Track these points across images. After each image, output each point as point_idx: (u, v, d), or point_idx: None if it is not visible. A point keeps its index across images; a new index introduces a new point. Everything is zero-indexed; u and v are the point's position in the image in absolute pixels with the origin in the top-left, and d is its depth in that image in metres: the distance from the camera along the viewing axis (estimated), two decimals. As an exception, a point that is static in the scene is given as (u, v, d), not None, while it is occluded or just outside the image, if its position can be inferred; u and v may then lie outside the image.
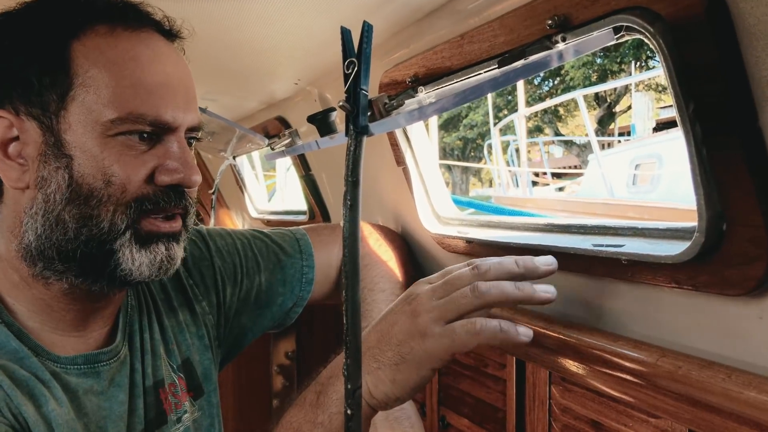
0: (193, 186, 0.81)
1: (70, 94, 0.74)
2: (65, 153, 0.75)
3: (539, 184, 13.52)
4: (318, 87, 1.52)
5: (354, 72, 0.61)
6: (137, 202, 0.77)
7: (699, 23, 0.61)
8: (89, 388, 0.82)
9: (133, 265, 0.78)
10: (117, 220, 0.76)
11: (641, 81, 15.36)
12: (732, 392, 0.66)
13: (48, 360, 0.80)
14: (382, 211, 1.46)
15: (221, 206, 2.78)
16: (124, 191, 0.76)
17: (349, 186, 0.61)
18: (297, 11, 1.00)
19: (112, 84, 0.75)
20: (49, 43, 0.76)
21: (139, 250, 0.78)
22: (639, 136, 13.07)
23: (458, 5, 0.94)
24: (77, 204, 0.75)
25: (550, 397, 1.01)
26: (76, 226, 0.76)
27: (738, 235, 0.65)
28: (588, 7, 0.71)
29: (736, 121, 0.62)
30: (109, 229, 0.76)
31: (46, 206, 0.76)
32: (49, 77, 0.75)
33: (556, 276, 0.96)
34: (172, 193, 0.79)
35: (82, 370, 0.83)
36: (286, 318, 1.16)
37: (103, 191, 0.75)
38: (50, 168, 0.75)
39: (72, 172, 0.75)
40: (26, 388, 0.75)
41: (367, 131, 0.61)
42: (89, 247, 0.76)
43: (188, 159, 0.80)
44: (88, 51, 0.75)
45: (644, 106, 13.86)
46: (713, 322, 0.73)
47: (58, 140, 0.75)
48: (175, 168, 0.79)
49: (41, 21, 0.78)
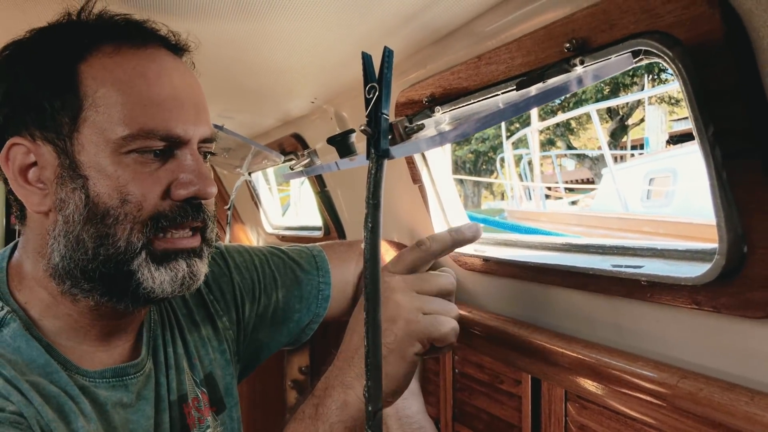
0: (208, 197, 0.81)
1: (81, 115, 0.76)
2: (80, 174, 0.76)
3: (551, 198, 13.47)
4: (334, 105, 1.54)
5: (375, 96, 0.62)
6: (153, 219, 0.78)
7: (718, 48, 0.61)
8: (118, 401, 0.83)
9: (154, 284, 0.78)
10: (133, 239, 0.77)
11: (654, 94, 15.30)
12: (755, 415, 0.65)
13: (77, 374, 0.81)
14: (398, 228, 1.47)
15: (236, 222, 2.80)
16: (141, 209, 0.77)
17: (370, 208, 0.61)
18: (315, 32, 1.02)
19: (120, 101, 0.76)
20: (57, 67, 0.77)
21: (158, 268, 0.79)
22: (652, 149, 13.00)
23: (475, 27, 0.95)
24: (94, 223, 0.76)
25: (567, 414, 1.00)
26: (93, 246, 0.77)
27: (759, 258, 0.65)
28: (606, 30, 0.72)
29: (756, 145, 0.62)
30: (125, 249, 0.77)
31: (66, 227, 0.77)
32: (60, 100, 0.76)
33: (577, 295, 0.96)
34: (189, 207, 0.80)
35: (111, 383, 0.84)
36: (302, 334, 1.17)
37: (119, 209, 0.76)
38: (67, 190, 0.77)
39: (88, 191, 0.76)
40: (56, 405, 0.75)
41: (388, 155, 0.62)
42: (108, 267, 0.77)
43: (203, 171, 0.81)
44: (96, 71, 0.77)
45: (657, 120, 13.80)
46: (735, 344, 0.73)
47: (72, 162, 0.76)
48: (190, 180, 0.79)
49: (49, 47, 0.79)
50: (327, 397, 0.85)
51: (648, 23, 0.67)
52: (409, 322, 0.83)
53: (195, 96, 0.82)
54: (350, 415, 0.83)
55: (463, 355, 1.30)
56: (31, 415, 0.72)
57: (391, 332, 0.82)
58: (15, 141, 0.78)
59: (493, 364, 1.19)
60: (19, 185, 0.79)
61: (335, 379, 0.85)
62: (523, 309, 1.11)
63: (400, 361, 0.82)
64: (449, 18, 0.94)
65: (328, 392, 0.85)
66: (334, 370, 0.87)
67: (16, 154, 0.78)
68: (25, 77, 0.78)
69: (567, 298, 0.99)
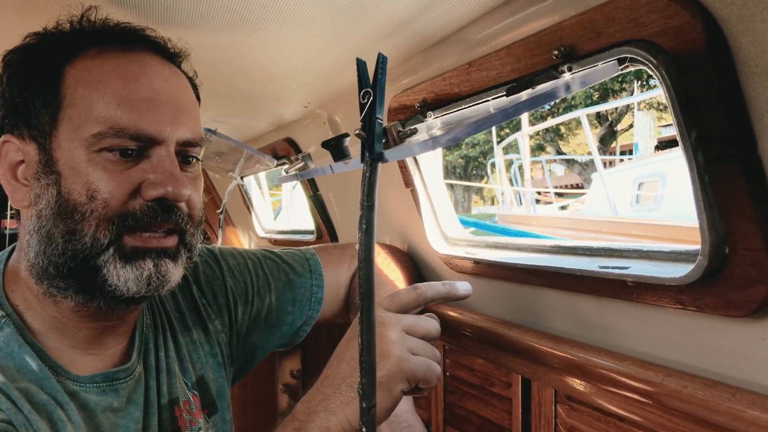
0: (179, 200, 0.80)
1: (60, 113, 0.78)
2: (54, 170, 0.78)
3: (542, 203, 13.54)
4: (327, 110, 1.56)
5: (369, 101, 0.64)
6: (120, 217, 0.77)
7: (700, 56, 0.63)
8: (108, 405, 0.84)
9: (119, 281, 0.78)
10: (99, 236, 0.77)
11: (643, 100, 15.44)
12: (737, 411, 0.67)
13: (68, 379, 0.81)
14: (390, 231, 1.49)
15: (229, 226, 2.81)
16: (107, 206, 0.77)
17: (364, 210, 0.63)
18: (310, 39, 1.04)
19: (96, 100, 0.77)
20: (44, 69, 0.80)
21: (123, 266, 0.78)
22: (642, 154, 13.10)
23: (466, 35, 0.97)
24: (63, 218, 0.77)
25: (556, 416, 1.02)
26: (62, 241, 0.78)
27: (740, 259, 0.67)
28: (593, 38, 0.74)
29: (736, 150, 0.64)
30: (91, 245, 0.77)
31: (39, 222, 0.79)
32: (41, 100, 0.79)
33: (565, 297, 0.98)
34: (159, 208, 0.79)
35: (102, 388, 0.84)
36: (295, 336, 1.18)
37: (86, 206, 0.76)
38: (42, 185, 0.78)
39: (60, 188, 0.77)
40: (45, 412, 0.76)
41: (382, 158, 0.64)
42: (75, 261, 0.78)
43: (175, 173, 0.80)
44: (78, 72, 0.79)
45: (646, 125, 13.91)
46: (718, 343, 0.75)
47: (49, 158, 0.78)
48: (160, 181, 0.78)
49: (39, 50, 0.82)
50: (309, 422, 0.83)
51: (633, 32, 0.69)
52: (401, 360, 0.84)
53: (177, 98, 0.82)
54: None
55: (454, 358, 1.31)
56: (20, 423, 0.72)
57: (383, 367, 0.83)
58: (6, 139, 0.81)
59: (484, 366, 1.20)
60: (8, 182, 0.82)
61: (319, 405, 0.84)
62: (513, 310, 1.13)
63: (387, 396, 0.83)
64: (441, 25, 0.96)
65: (311, 417, 0.83)
66: (318, 395, 0.85)
67: (7, 152, 0.82)
68: (15, 79, 0.81)
69: (556, 300, 1.01)
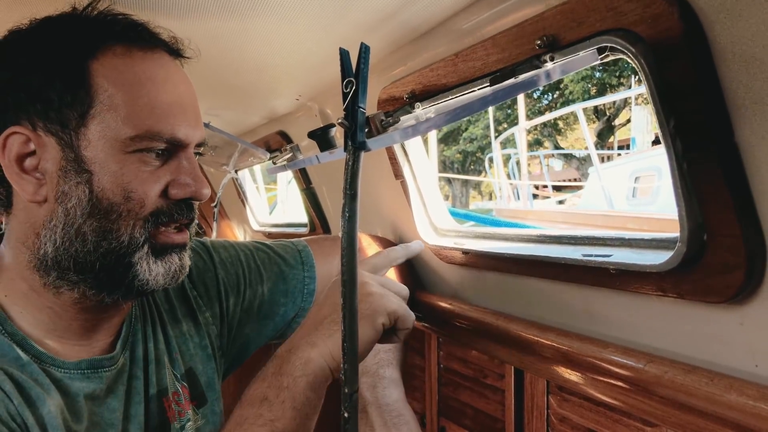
0: (203, 199, 0.86)
1: (91, 112, 0.78)
2: (85, 168, 0.78)
3: (539, 197, 13.55)
4: (318, 102, 1.56)
5: (352, 91, 0.64)
6: (154, 215, 0.81)
7: (678, 45, 0.64)
8: (90, 392, 0.85)
9: (150, 276, 0.82)
10: (136, 234, 0.81)
11: (640, 94, 15.47)
12: (714, 395, 0.69)
13: (52, 366, 0.82)
14: (381, 223, 1.50)
15: (223, 219, 2.82)
16: (143, 206, 0.80)
17: (347, 198, 0.64)
18: (299, 31, 1.04)
19: (130, 103, 0.79)
20: (68, 61, 0.79)
21: (155, 261, 0.83)
22: (639, 148, 13.12)
23: (453, 25, 0.98)
24: (98, 218, 0.79)
25: (548, 407, 1.03)
26: (95, 239, 0.79)
27: (718, 245, 0.68)
28: (574, 28, 0.75)
29: (713, 138, 0.65)
30: (128, 243, 0.81)
31: (66, 219, 0.79)
32: (71, 95, 0.78)
33: (551, 285, 0.99)
34: (184, 205, 0.84)
35: (86, 374, 0.85)
36: (288, 328, 1.18)
37: (123, 206, 0.79)
38: (71, 183, 0.78)
39: (92, 187, 0.78)
40: (25, 391, 0.77)
41: (364, 147, 0.65)
42: (108, 259, 0.80)
43: (198, 174, 0.85)
44: (107, 71, 0.79)
45: (643, 120, 13.91)
46: (697, 329, 0.76)
47: (78, 156, 0.78)
48: (187, 183, 0.83)
49: (58, 39, 0.81)
50: (291, 354, 0.89)
51: (613, 21, 0.70)
52: (382, 296, 0.94)
53: (194, 102, 0.87)
54: (312, 370, 0.87)
55: (448, 350, 1.33)
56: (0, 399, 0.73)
57: (366, 302, 0.93)
58: (14, 130, 0.79)
59: (477, 358, 1.22)
60: (14, 173, 0.80)
61: (300, 340, 0.91)
62: (501, 300, 1.14)
63: (369, 328, 0.91)
64: (427, 16, 0.97)
65: (293, 351, 0.89)
66: (299, 333, 0.93)
67: (14, 143, 0.79)
68: (31, 67, 0.79)
69: (542, 288, 1.02)
